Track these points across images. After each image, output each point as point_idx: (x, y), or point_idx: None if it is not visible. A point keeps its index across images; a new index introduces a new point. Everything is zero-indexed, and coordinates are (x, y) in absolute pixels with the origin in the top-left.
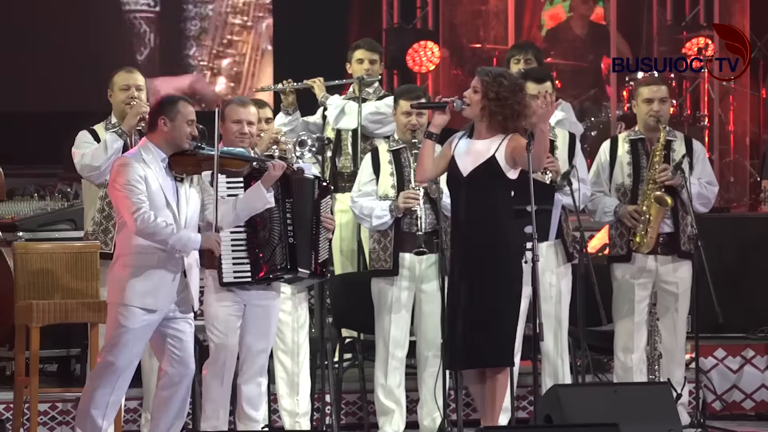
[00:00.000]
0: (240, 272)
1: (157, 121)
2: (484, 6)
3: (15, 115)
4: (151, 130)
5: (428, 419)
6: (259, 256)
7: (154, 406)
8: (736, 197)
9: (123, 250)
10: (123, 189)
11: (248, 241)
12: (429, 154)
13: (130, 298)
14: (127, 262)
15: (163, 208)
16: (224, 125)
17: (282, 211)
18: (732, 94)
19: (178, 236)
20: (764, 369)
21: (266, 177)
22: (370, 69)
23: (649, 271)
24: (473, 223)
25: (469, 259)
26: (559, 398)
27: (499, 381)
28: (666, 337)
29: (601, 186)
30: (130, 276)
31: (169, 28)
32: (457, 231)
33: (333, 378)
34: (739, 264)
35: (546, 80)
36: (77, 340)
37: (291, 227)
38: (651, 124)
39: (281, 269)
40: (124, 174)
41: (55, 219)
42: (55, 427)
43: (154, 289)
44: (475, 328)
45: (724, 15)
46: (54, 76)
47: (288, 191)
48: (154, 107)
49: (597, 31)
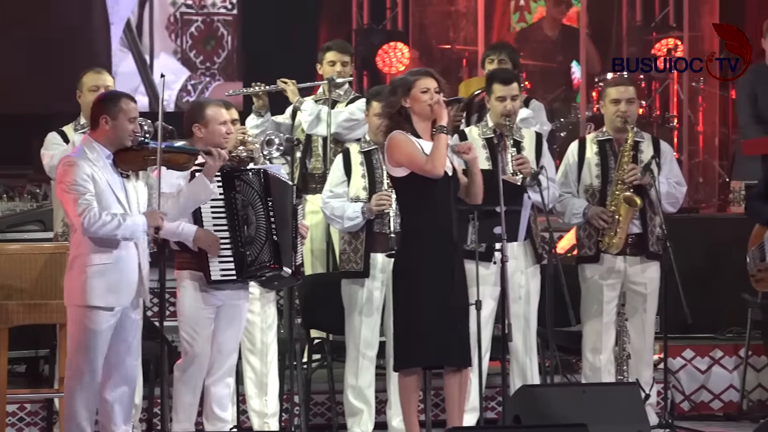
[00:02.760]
0: (227, 270)
1: (99, 120)
2: (453, 7)
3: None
4: (94, 128)
5: (397, 420)
6: (245, 254)
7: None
8: (704, 198)
9: (79, 251)
10: (70, 190)
11: (233, 239)
12: (445, 148)
13: (92, 299)
14: (84, 263)
15: (112, 205)
16: (208, 128)
17: (265, 209)
18: (701, 95)
19: (124, 226)
20: (732, 369)
21: (207, 168)
22: (342, 71)
23: (617, 271)
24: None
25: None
26: (527, 398)
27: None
28: (634, 337)
29: (569, 187)
30: (89, 277)
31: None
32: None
33: (301, 378)
34: (707, 265)
35: (513, 81)
36: (46, 341)
37: (274, 225)
38: (618, 125)
39: (267, 267)
40: (71, 174)
41: (25, 220)
42: (24, 428)
43: (114, 287)
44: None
45: (693, 16)
46: (22, 78)
47: (268, 190)
48: (96, 105)
49: (567, 33)
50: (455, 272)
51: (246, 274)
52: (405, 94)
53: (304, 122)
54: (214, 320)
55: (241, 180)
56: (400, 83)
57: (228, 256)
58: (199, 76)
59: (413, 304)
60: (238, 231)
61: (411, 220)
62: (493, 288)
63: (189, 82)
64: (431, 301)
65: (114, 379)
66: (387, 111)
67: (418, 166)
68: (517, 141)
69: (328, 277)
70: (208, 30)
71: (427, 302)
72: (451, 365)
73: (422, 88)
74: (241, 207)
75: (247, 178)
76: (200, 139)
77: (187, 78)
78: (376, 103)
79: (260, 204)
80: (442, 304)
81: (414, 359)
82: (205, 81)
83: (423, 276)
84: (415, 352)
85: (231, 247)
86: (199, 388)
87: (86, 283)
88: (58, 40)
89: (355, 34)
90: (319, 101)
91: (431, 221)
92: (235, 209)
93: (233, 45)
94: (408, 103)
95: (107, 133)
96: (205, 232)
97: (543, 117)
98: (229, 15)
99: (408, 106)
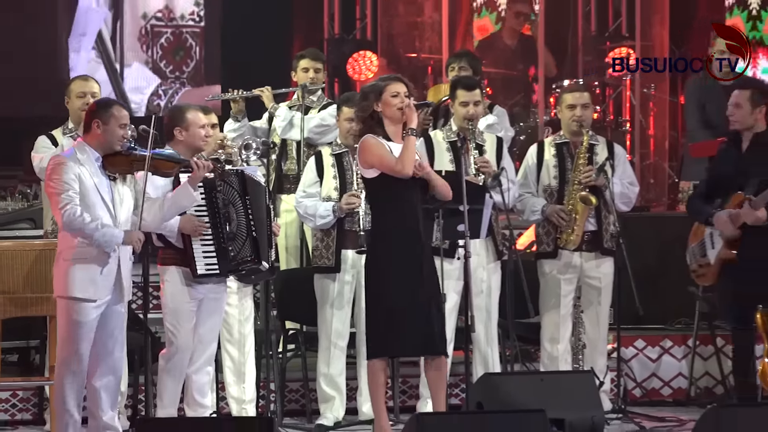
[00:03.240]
0: (211, 264)
1: (91, 124)
2: (419, 18)
3: None
4: (86, 132)
5: (367, 406)
6: (228, 249)
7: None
8: (655, 197)
9: (64, 246)
10: (55, 186)
11: (216, 236)
12: (414, 149)
13: (72, 289)
14: (67, 257)
15: (98, 205)
16: (188, 131)
17: (245, 208)
18: (652, 100)
19: (101, 232)
20: (681, 358)
21: (192, 177)
22: (315, 77)
23: (574, 266)
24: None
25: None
26: (489, 386)
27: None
28: (589, 328)
29: (528, 187)
30: (70, 269)
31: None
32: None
33: (277, 367)
34: (658, 260)
35: (475, 88)
36: (36, 332)
37: (253, 223)
38: (574, 129)
39: (249, 261)
40: (59, 172)
41: (16, 218)
42: (16, 413)
43: (95, 280)
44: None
45: (645, 27)
46: (12, 83)
47: (246, 190)
48: (89, 110)
49: (525, 42)
50: (423, 267)
51: (228, 268)
52: (377, 99)
53: (277, 127)
54: (195, 313)
55: (222, 181)
56: (372, 89)
57: (211, 251)
58: (169, 84)
59: (382, 297)
60: (221, 228)
61: (381, 218)
62: (457, 282)
63: (160, 87)
64: (399, 294)
65: (101, 367)
66: (360, 115)
67: (389, 167)
68: (479, 144)
69: (302, 272)
70: (177, 41)
71: (395, 296)
72: (416, 355)
73: (392, 93)
74: (222, 206)
75: (229, 180)
76: (181, 142)
77: (158, 84)
78: (346, 108)
79: (240, 203)
80: (411, 297)
81: (381, 350)
82: (175, 87)
83: (392, 271)
84: (384, 343)
85: (214, 243)
86: (182, 376)
87: (69, 276)
88: (39, 46)
89: (327, 44)
90: (294, 107)
91: (400, 219)
92: (217, 208)
93: (200, 55)
94: (380, 108)
95: (99, 137)
96: (187, 217)
97: (506, 122)
98: (196, 27)
99: (380, 111)
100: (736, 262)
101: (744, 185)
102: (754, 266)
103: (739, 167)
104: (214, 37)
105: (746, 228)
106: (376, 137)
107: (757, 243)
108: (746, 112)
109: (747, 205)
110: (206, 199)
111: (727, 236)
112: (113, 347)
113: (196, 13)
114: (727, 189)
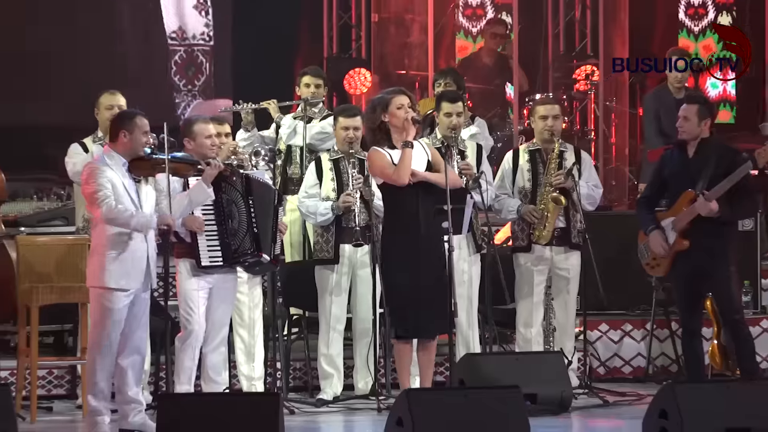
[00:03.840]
0: (214, 257)
1: (118, 133)
2: (408, 39)
3: (16, 129)
4: (113, 140)
5: (362, 382)
6: (230, 243)
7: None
8: (617, 198)
9: (98, 242)
10: (92, 186)
11: (219, 231)
12: (409, 160)
13: (107, 280)
14: (102, 251)
15: (127, 204)
16: (195, 140)
17: (246, 206)
18: (614, 112)
19: (137, 217)
20: (640, 340)
21: (205, 175)
22: (316, 92)
23: (545, 259)
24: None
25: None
26: (470, 365)
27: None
28: (559, 314)
29: (505, 189)
30: (105, 263)
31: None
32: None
33: (282, 348)
34: (619, 254)
35: (458, 100)
36: (70, 317)
37: (254, 219)
38: (546, 137)
39: (249, 253)
40: (94, 176)
41: (51, 216)
42: (52, 389)
43: (127, 272)
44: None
45: (607, 46)
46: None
47: (249, 191)
48: (115, 121)
49: (502, 61)
50: (421, 260)
51: (231, 260)
52: (384, 111)
53: (283, 136)
54: (208, 300)
55: (226, 182)
56: (379, 101)
57: (216, 245)
58: (182, 96)
59: (391, 285)
60: (224, 224)
61: (387, 217)
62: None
63: (174, 100)
64: (400, 284)
65: (127, 348)
66: (368, 126)
67: (387, 176)
68: (461, 150)
69: (304, 264)
70: (189, 59)
71: (397, 286)
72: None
73: (398, 105)
74: (225, 205)
75: (231, 181)
76: (190, 150)
77: (177, 98)
78: (342, 118)
79: (242, 202)
80: (411, 287)
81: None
82: (187, 100)
83: (395, 263)
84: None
85: (218, 237)
86: (196, 355)
87: (104, 269)
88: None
89: (327, 62)
90: (297, 117)
91: (401, 219)
92: (221, 206)
93: (210, 70)
94: (387, 118)
95: (125, 144)
96: (191, 217)
97: (486, 132)
98: (206, 46)
99: (387, 121)
100: (687, 252)
101: (693, 184)
102: (701, 257)
103: (687, 169)
104: (222, 55)
105: (694, 224)
106: (379, 150)
107: (704, 235)
108: (694, 125)
109: (701, 198)
110: (212, 200)
111: (680, 229)
112: (138, 330)
113: (206, 34)
114: (674, 189)
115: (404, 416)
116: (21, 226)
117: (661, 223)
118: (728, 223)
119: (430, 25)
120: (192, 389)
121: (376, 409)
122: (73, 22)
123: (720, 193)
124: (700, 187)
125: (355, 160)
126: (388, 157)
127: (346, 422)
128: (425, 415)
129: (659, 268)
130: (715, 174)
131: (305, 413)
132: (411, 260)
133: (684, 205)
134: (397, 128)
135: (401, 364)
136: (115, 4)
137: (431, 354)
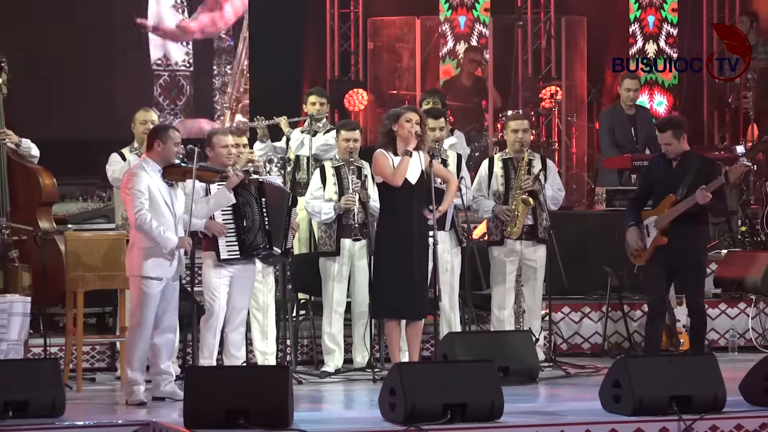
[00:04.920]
0: (232, 251)
1: (153, 143)
2: (399, 64)
3: (66, 142)
4: (149, 150)
5: (359, 357)
6: (245, 239)
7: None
8: (577, 199)
9: (136, 239)
10: (130, 193)
11: (236, 229)
12: (406, 166)
13: (146, 270)
14: (140, 246)
15: (162, 206)
16: (214, 150)
17: (259, 207)
18: (574, 126)
19: (162, 237)
20: (597, 321)
21: (228, 182)
22: (320, 109)
23: (516, 251)
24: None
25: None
26: (452, 342)
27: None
28: (528, 298)
29: (482, 192)
30: (143, 256)
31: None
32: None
33: (292, 328)
34: (579, 247)
35: (441, 116)
36: (110, 301)
37: (267, 219)
38: (517, 148)
39: (261, 248)
40: (133, 181)
41: (94, 215)
42: (95, 363)
43: (160, 263)
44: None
45: (568, 69)
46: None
47: (262, 194)
48: (151, 133)
49: (478, 82)
50: (413, 252)
51: (246, 253)
52: (395, 121)
53: (292, 146)
54: (229, 287)
55: (242, 187)
56: (394, 114)
57: (233, 241)
58: (165, 115)
59: (381, 274)
60: (240, 223)
61: (383, 212)
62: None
63: (159, 119)
64: (393, 272)
65: (160, 328)
66: (381, 131)
67: (387, 177)
68: (444, 159)
69: (310, 256)
70: (172, 82)
71: (390, 274)
72: (400, 318)
73: (407, 119)
74: (241, 206)
75: (246, 186)
76: (211, 158)
77: (159, 115)
78: (343, 131)
79: (256, 204)
80: (402, 274)
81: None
82: (170, 118)
83: (388, 253)
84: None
85: (235, 234)
86: (218, 334)
87: (142, 260)
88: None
89: (329, 83)
90: (304, 131)
91: (396, 215)
92: (237, 208)
93: (190, 92)
94: (396, 128)
95: (159, 153)
96: (212, 221)
97: (463, 142)
98: (187, 71)
99: (395, 130)
100: (665, 247)
101: (675, 189)
102: (677, 252)
103: (670, 176)
104: (200, 79)
105: (673, 224)
106: (384, 153)
107: (681, 234)
108: (675, 145)
109: (700, 190)
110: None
111: (661, 227)
112: (169, 312)
113: (187, 61)
114: (659, 193)
115: (396, 386)
116: (69, 224)
117: (645, 221)
118: (701, 224)
119: (417, 52)
120: (214, 363)
121: (371, 379)
122: (110, 60)
123: (714, 189)
124: (681, 192)
125: (354, 167)
126: (389, 161)
127: (346, 391)
128: (413, 385)
129: (641, 258)
130: (695, 181)
131: (311, 383)
132: (402, 252)
133: (666, 207)
134: (402, 138)
135: (391, 340)
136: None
137: (419, 332)
